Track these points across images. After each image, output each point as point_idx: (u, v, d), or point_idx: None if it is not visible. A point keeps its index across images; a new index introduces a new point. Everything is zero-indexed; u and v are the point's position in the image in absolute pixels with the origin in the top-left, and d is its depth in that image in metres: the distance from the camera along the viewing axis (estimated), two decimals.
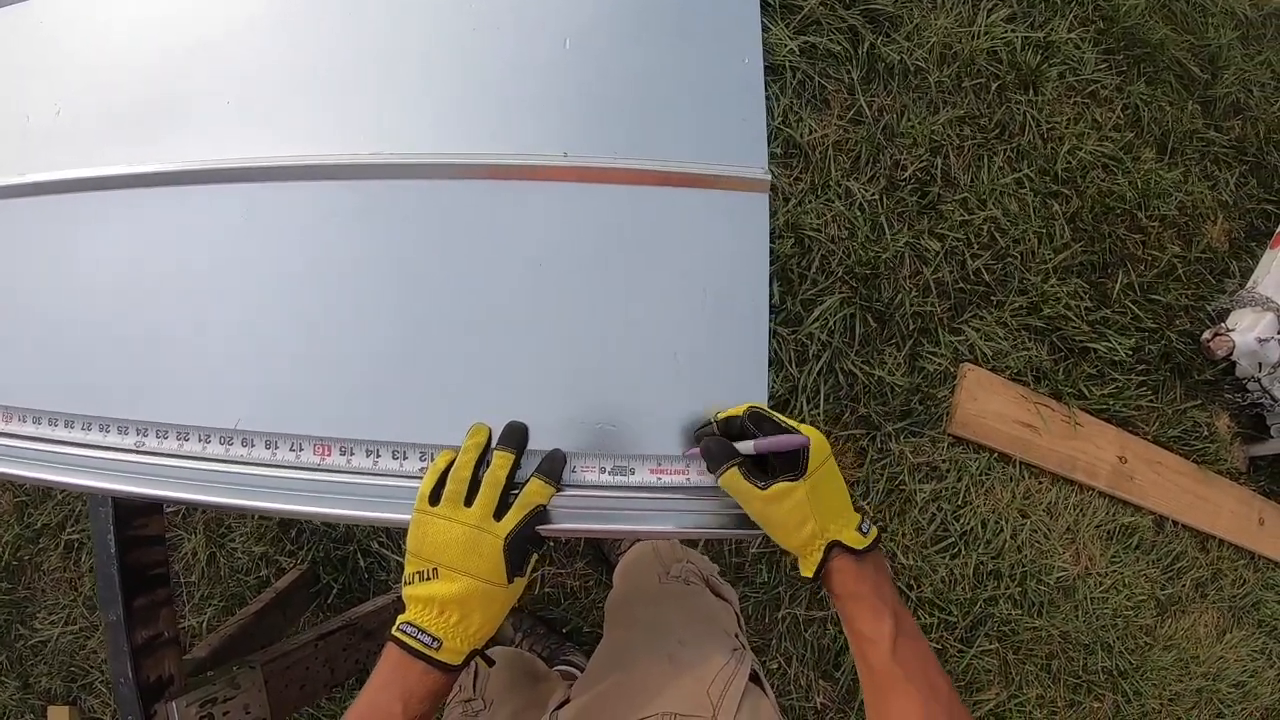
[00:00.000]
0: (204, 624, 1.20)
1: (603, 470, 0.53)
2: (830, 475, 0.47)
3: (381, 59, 0.62)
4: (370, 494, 0.54)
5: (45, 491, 1.33)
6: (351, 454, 0.56)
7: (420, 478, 0.52)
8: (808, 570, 0.47)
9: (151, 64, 0.68)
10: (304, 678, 0.85)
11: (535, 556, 0.48)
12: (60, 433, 0.61)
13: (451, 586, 0.45)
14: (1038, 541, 1.36)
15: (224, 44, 0.66)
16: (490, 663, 0.49)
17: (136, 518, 0.74)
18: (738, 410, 0.50)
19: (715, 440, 0.48)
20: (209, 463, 0.57)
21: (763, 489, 0.45)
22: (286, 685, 0.82)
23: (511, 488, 0.48)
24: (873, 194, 1.25)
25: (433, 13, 0.63)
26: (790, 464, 0.46)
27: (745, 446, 0.47)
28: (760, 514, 0.47)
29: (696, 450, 0.51)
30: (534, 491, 0.48)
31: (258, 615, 1.01)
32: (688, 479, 0.53)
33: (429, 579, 0.45)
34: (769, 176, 0.58)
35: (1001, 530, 1.32)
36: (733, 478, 0.46)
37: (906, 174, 1.29)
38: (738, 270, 0.57)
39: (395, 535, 1.11)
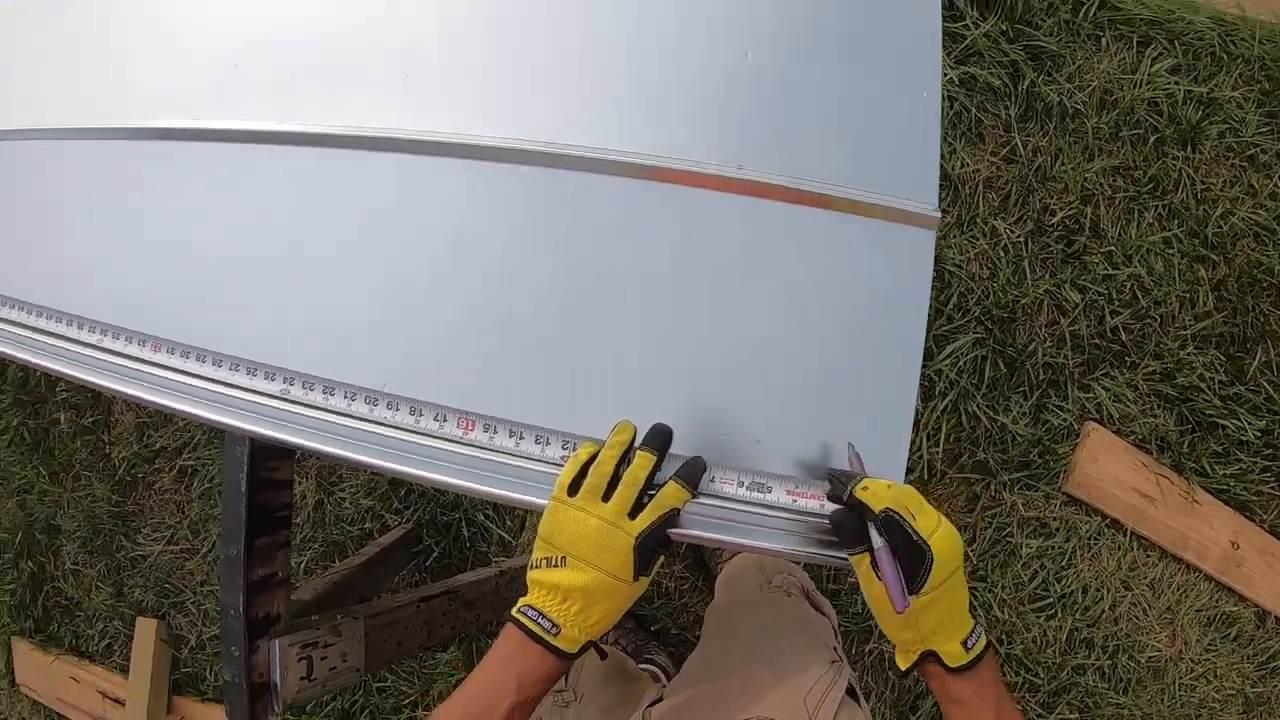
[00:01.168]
0: (301, 565, 1.23)
1: (740, 484, 0.52)
2: (950, 589, 0.45)
3: (567, 52, 0.62)
4: (509, 474, 0.55)
5: (167, 417, 1.38)
6: (495, 432, 0.56)
7: (560, 465, 0.52)
8: (901, 664, 0.47)
9: (335, 29, 0.69)
10: (402, 636, 0.86)
11: (662, 559, 0.48)
12: (208, 369, 0.63)
13: (578, 577, 0.45)
14: (1136, 616, 1.30)
15: (411, 19, 0.67)
16: (603, 655, 0.50)
17: (270, 460, 0.75)
18: (878, 495, 0.45)
19: (850, 518, 0.46)
20: (352, 420, 0.58)
21: (881, 579, 0.44)
22: (384, 640, 0.82)
23: (649, 489, 0.48)
24: (1018, 236, 1.21)
25: (624, 11, 0.62)
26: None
27: (876, 542, 0.44)
28: (872, 599, 0.47)
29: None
30: (671, 494, 0.47)
31: (361, 567, 1.03)
32: (821, 504, 0.52)
33: (557, 566, 0.46)
34: (938, 214, 0.56)
35: (1102, 599, 1.26)
36: (861, 562, 0.46)
37: (1055, 220, 1.24)
38: (895, 307, 0.55)
39: (502, 510, 1.12)
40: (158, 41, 0.77)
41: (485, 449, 0.56)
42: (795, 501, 0.52)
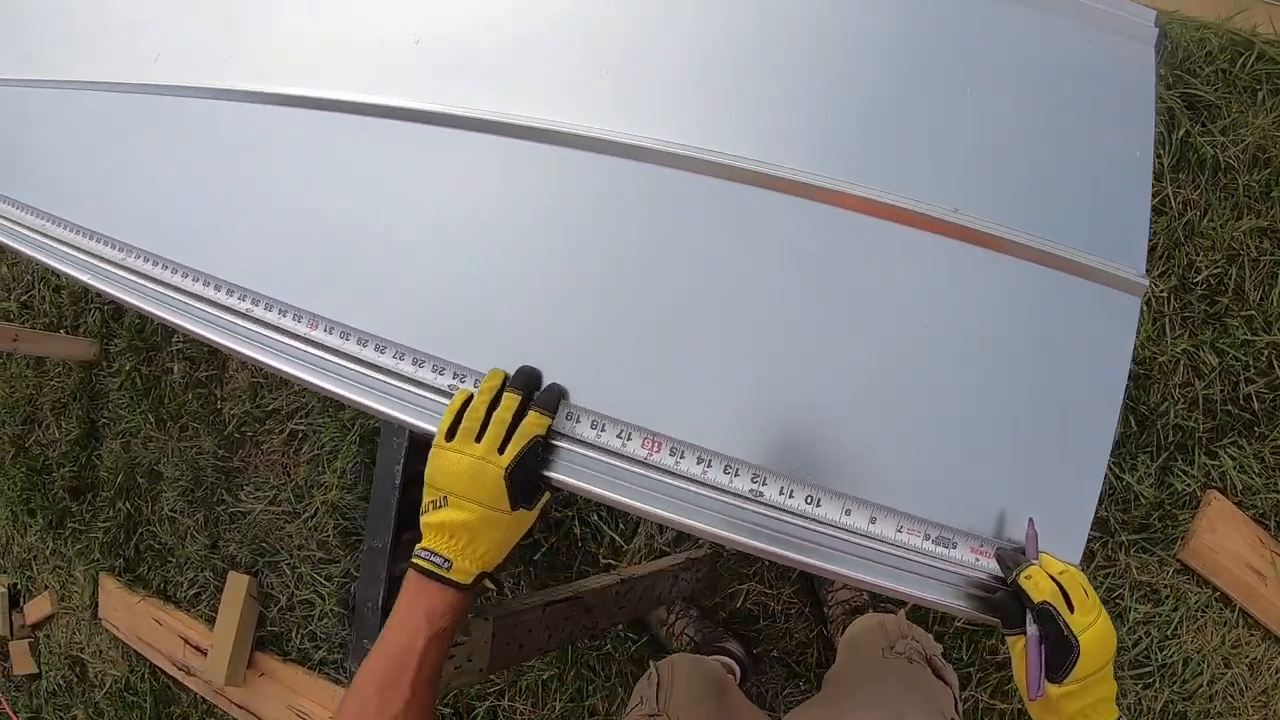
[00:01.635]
0: (412, 542, 1.25)
1: (927, 537, 0.51)
2: (1097, 683, 0.45)
3: (786, 74, 0.61)
4: (693, 501, 0.52)
5: (283, 380, 1.41)
6: (682, 457, 0.54)
7: (749, 497, 0.51)
8: None
9: (532, 17, 0.68)
10: (524, 639, 0.84)
11: (547, 495, 0.52)
12: (369, 354, 0.61)
13: (459, 514, 0.49)
14: (1231, 696, 1.25)
15: (617, 18, 0.66)
16: (499, 587, 0.56)
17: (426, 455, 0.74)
18: (1039, 587, 0.45)
19: (1010, 602, 0.47)
20: None
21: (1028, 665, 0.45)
22: (508, 643, 0.81)
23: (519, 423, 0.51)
24: (1162, 290, 1.17)
25: (845, 40, 0.61)
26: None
27: (1031, 632, 0.46)
28: (1017, 678, 0.47)
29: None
30: (531, 423, 0.51)
31: None
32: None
33: (441, 507, 0.50)
34: (1145, 280, 0.54)
35: (1201, 673, 1.21)
36: (1016, 643, 0.47)
37: (1199, 278, 1.19)
38: (1092, 375, 0.53)
39: (616, 512, 1.12)
40: (337, 9, 0.76)
41: (670, 473, 0.53)
42: (978, 560, 0.50)
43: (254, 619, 1.41)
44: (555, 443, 0.54)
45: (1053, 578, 0.46)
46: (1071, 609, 0.45)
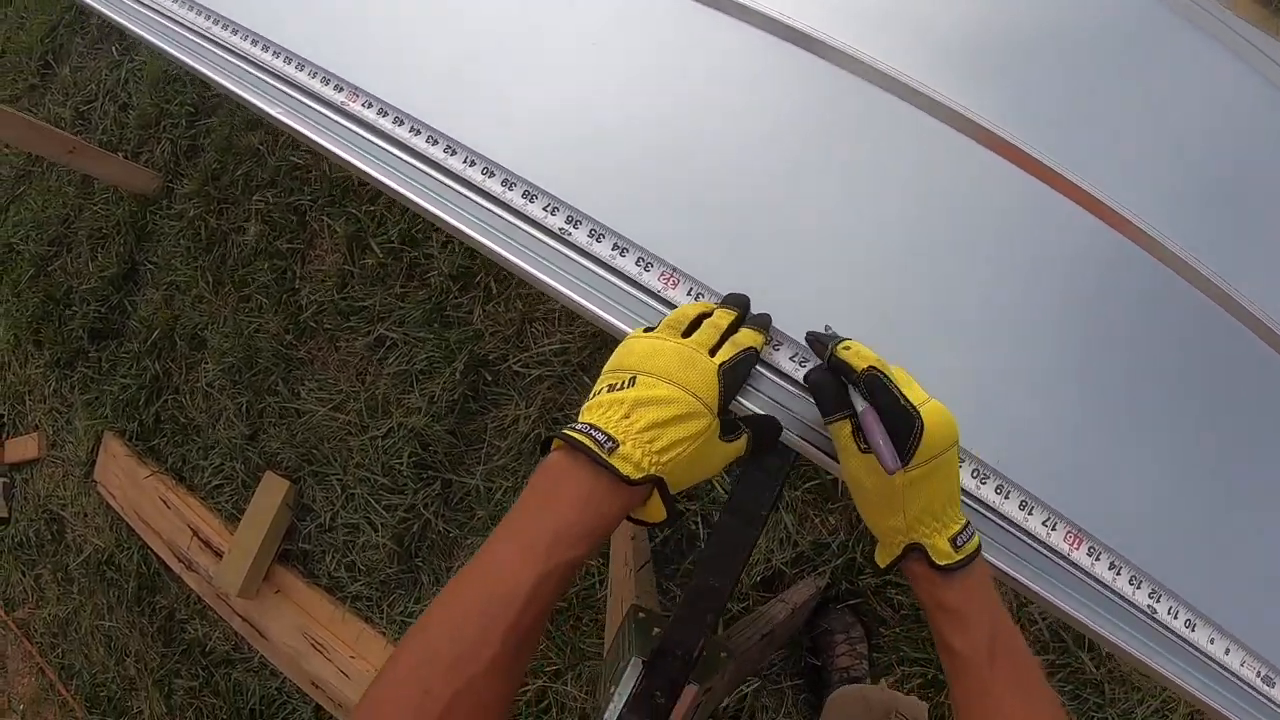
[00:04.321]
0: (494, 493, 1.06)
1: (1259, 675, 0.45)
2: (941, 469, 0.38)
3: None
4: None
5: (379, 277, 1.20)
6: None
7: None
8: (880, 560, 0.40)
9: None
10: (740, 673, 0.73)
11: (747, 438, 0.40)
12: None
13: (649, 391, 0.37)
14: None
15: None
16: (670, 517, 0.38)
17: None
18: (861, 354, 0.39)
19: (831, 382, 0.40)
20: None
21: (864, 451, 0.38)
22: (733, 680, 0.70)
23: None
24: None
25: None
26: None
27: (858, 404, 0.38)
28: (853, 476, 0.39)
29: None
30: (746, 334, 0.43)
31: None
32: None
33: (622, 388, 0.37)
34: None
35: None
36: (841, 430, 0.39)
37: None
38: None
39: None
40: None
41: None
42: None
43: (283, 529, 1.21)
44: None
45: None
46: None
